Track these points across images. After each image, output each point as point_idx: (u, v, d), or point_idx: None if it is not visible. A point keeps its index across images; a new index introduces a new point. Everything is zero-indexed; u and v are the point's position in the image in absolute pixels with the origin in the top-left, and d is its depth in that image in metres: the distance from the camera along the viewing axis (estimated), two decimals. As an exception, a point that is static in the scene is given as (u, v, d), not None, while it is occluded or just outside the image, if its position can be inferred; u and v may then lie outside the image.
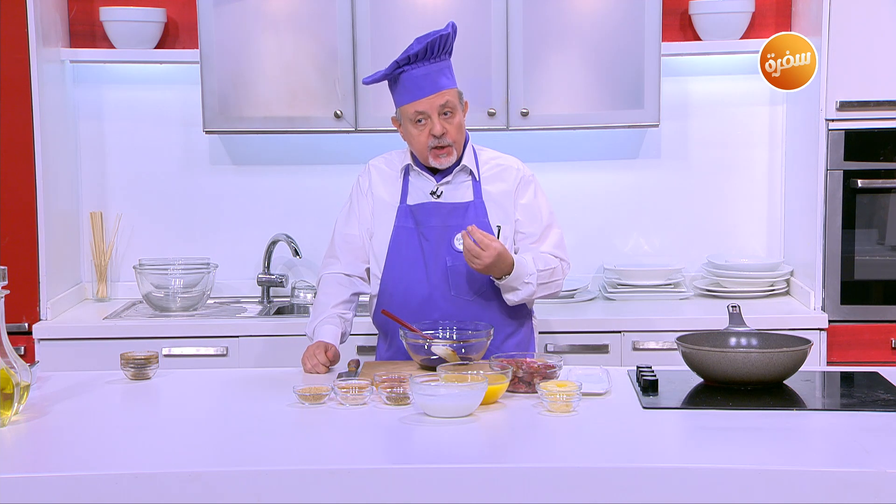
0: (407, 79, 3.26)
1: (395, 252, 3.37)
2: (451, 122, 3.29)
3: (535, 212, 3.40)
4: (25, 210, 4.14)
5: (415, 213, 3.36)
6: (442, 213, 3.35)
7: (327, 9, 4.22)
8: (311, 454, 2.53)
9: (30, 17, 4.08)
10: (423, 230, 3.35)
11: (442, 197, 3.37)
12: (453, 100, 3.29)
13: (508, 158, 3.46)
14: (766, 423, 2.67)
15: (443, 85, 3.27)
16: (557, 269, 3.36)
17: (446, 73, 3.29)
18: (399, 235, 3.37)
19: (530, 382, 2.90)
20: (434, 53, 3.25)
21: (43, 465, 2.44)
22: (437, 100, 3.26)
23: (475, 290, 3.33)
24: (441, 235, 3.34)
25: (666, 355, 3.97)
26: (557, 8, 4.21)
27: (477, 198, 3.36)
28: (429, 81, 3.25)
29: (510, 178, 3.40)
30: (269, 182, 4.65)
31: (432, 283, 3.34)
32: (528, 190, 3.41)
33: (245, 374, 3.43)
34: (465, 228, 3.22)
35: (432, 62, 3.26)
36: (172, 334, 4.11)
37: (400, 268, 3.36)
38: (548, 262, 3.33)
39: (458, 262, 3.32)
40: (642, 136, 4.63)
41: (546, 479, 2.35)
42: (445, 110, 3.27)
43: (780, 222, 4.63)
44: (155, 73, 4.60)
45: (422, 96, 3.26)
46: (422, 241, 3.35)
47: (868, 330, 4.14)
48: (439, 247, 3.34)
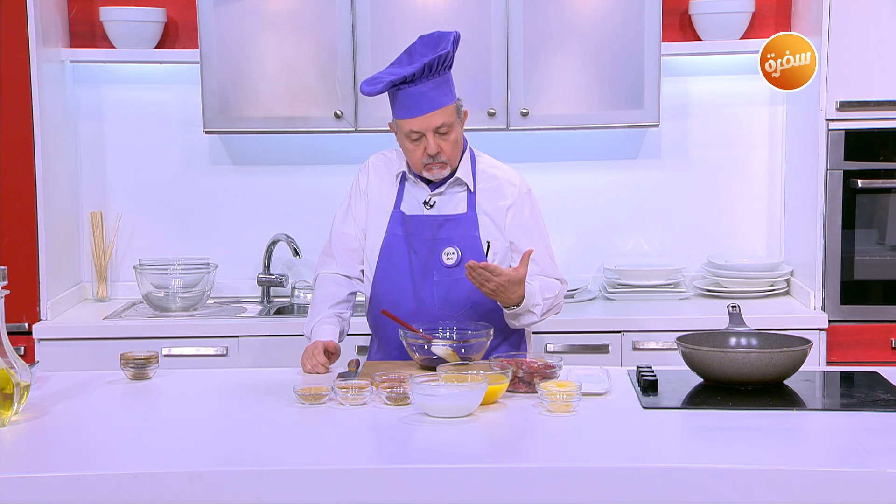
0: (404, 95, 3.19)
1: (385, 260, 3.34)
2: (446, 139, 3.23)
3: (532, 232, 3.34)
4: (25, 210, 4.14)
5: (406, 223, 3.32)
6: (433, 226, 3.31)
7: (327, 9, 4.22)
8: (311, 454, 2.53)
9: (30, 17, 4.08)
10: (414, 242, 3.31)
11: (434, 207, 3.32)
12: (450, 118, 3.21)
13: (507, 170, 3.40)
14: (766, 423, 2.67)
15: (440, 102, 3.19)
16: (560, 293, 3.35)
17: (444, 87, 3.21)
18: (390, 243, 3.34)
19: (530, 382, 2.90)
20: (433, 71, 3.18)
21: (43, 465, 2.44)
22: (432, 120, 3.19)
23: (462, 304, 3.31)
24: (431, 248, 3.31)
25: (666, 355, 3.98)
26: (557, 8, 4.21)
27: (470, 210, 3.32)
28: (426, 99, 3.18)
29: (507, 194, 3.34)
30: (269, 182, 4.65)
31: (419, 296, 3.31)
32: (525, 209, 3.35)
33: (245, 373, 3.43)
34: (454, 242, 3.22)
35: (430, 79, 3.18)
36: (172, 334, 4.11)
37: (389, 279, 3.34)
38: (552, 289, 3.31)
39: (444, 277, 3.30)
40: (642, 136, 4.63)
41: (546, 479, 2.36)
42: (442, 130, 3.21)
43: (780, 222, 4.64)
44: (155, 73, 4.60)
45: (418, 114, 3.19)
46: (411, 253, 3.32)
47: (868, 330, 4.14)
48: (428, 260, 3.31)
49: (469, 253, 3.29)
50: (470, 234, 3.30)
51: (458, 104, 3.26)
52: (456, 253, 3.30)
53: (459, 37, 3.24)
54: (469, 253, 3.29)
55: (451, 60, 3.22)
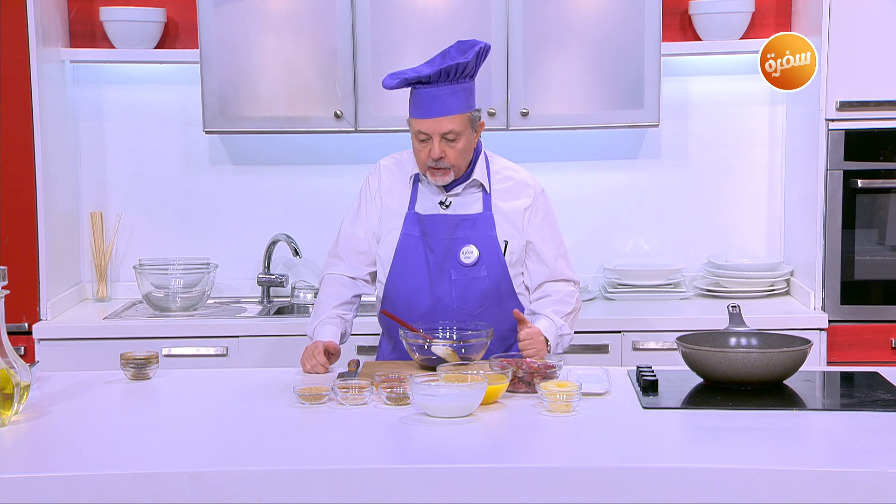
0: (418, 95, 3.20)
1: (401, 260, 3.35)
2: (453, 146, 3.22)
3: (544, 232, 3.37)
4: (25, 210, 4.14)
5: (422, 223, 3.33)
6: (449, 225, 3.33)
7: (327, 9, 4.22)
8: (311, 454, 2.53)
9: (30, 17, 4.08)
10: (430, 241, 3.32)
11: (451, 208, 3.34)
12: (459, 127, 3.20)
13: (521, 172, 3.42)
14: (766, 423, 2.67)
15: (452, 109, 3.18)
16: (575, 297, 3.38)
17: (462, 95, 3.20)
18: (405, 243, 3.34)
19: (530, 382, 2.90)
20: (450, 77, 3.17)
21: (43, 465, 2.44)
22: (440, 125, 3.19)
23: (478, 303, 3.32)
24: (448, 248, 3.32)
25: (666, 355, 3.97)
26: (557, 8, 4.21)
27: (486, 210, 3.33)
28: (437, 103, 3.17)
29: (523, 194, 3.37)
30: (269, 182, 4.65)
31: (436, 295, 3.32)
32: (540, 210, 3.38)
33: (245, 374, 3.43)
34: (470, 241, 3.25)
35: (447, 84, 3.17)
36: (172, 334, 4.11)
37: (404, 278, 3.34)
38: (566, 303, 3.34)
39: (461, 276, 3.31)
40: (642, 136, 4.63)
41: (546, 479, 2.36)
42: (449, 136, 3.20)
43: (780, 222, 4.63)
44: (155, 73, 4.60)
45: (427, 116, 3.19)
46: (427, 252, 3.32)
47: (868, 330, 4.14)
48: (445, 259, 3.32)
49: (487, 252, 3.30)
50: (486, 234, 3.32)
51: (472, 115, 3.25)
52: (474, 252, 3.30)
53: (489, 49, 3.24)
54: (487, 252, 3.30)
55: (472, 69, 3.20)
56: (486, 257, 3.31)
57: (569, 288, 3.39)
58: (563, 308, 3.33)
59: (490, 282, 3.32)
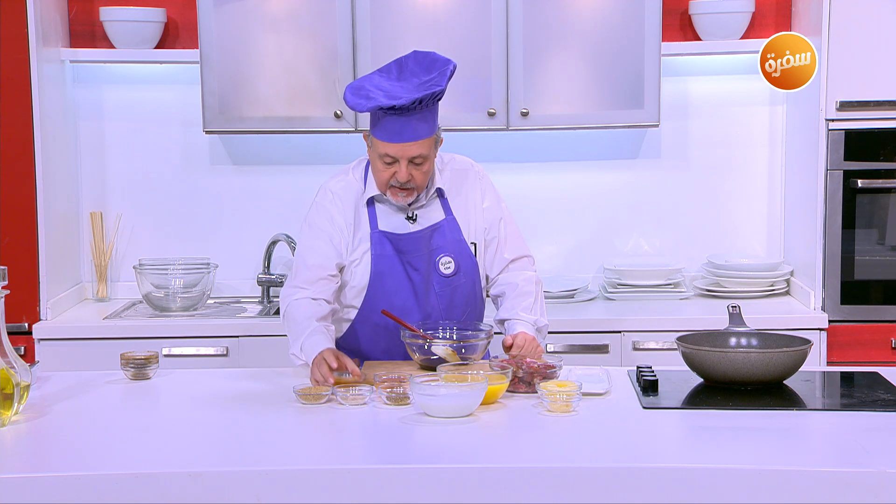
0: (387, 120, 3.08)
1: (377, 282, 3.23)
2: (420, 169, 3.14)
3: (496, 213, 3.34)
4: (25, 210, 4.14)
5: (395, 242, 3.23)
6: (425, 240, 3.25)
7: (327, 9, 4.22)
8: (311, 454, 2.53)
9: (30, 17, 4.08)
10: (412, 260, 3.24)
11: (418, 221, 3.26)
12: (427, 150, 3.12)
13: (459, 159, 3.36)
14: (766, 423, 2.67)
15: (421, 134, 3.09)
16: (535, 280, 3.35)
17: (429, 118, 3.11)
18: (380, 265, 3.23)
19: (530, 382, 2.90)
20: (422, 105, 3.07)
21: (43, 465, 2.44)
22: (409, 149, 3.09)
23: (462, 310, 3.30)
24: (429, 262, 3.26)
25: (666, 355, 3.97)
26: (557, 8, 4.21)
27: (448, 214, 3.28)
28: (409, 129, 3.08)
29: (468, 182, 3.32)
30: (269, 182, 4.65)
31: (425, 311, 3.27)
32: (487, 193, 3.34)
33: (245, 373, 3.43)
34: (445, 250, 3.22)
35: (418, 112, 3.08)
36: (172, 334, 4.11)
37: (389, 299, 3.23)
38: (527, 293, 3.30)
39: (444, 287, 3.27)
40: (642, 136, 4.63)
41: (546, 479, 2.36)
42: (417, 160, 3.13)
43: (780, 222, 4.64)
44: (155, 73, 4.60)
45: (397, 141, 3.09)
46: (410, 271, 3.25)
47: (868, 330, 4.14)
48: (428, 275, 3.27)
49: (462, 259, 3.28)
50: (456, 239, 3.28)
51: (437, 135, 3.18)
52: (452, 262, 3.28)
53: (455, 68, 3.13)
54: (462, 259, 3.28)
55: (442, 94, 3.11)
56: (461, 263, 3.28)
57: (525, 274, 3.34)
58: (526, 301, 3.29)
59: (468, 285, 3.30)
